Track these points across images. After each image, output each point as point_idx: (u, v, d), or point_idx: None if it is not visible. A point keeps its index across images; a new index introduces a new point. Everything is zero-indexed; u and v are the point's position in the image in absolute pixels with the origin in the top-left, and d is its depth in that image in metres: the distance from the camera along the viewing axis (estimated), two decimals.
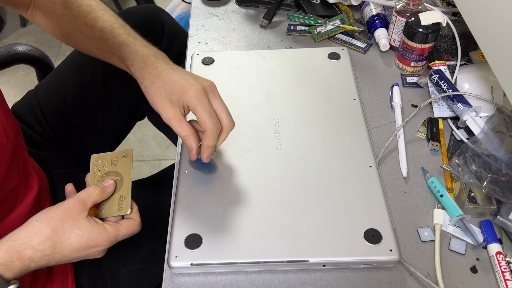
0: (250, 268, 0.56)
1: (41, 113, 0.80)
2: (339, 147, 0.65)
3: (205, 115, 0.54)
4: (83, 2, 0.67)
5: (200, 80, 0.57)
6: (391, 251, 0.54)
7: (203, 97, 0.55)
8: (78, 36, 0.67)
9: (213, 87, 0.57)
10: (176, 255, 0.54)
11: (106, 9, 0.68)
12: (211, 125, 0.55)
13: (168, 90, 0.55)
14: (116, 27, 0.64)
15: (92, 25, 0.65)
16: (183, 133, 0.56)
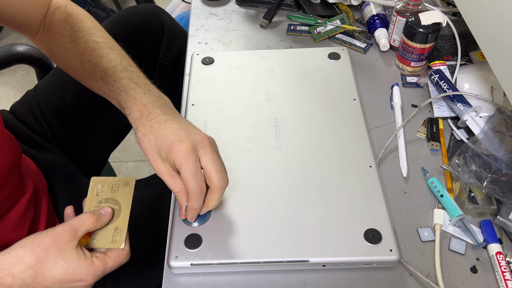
0: (250, 268, 0.56)
1: (40, 113, 0.80)
2: (339, 147, 0.65)
3: (188, 175, 0.51)
4: (91, 38, 0.65)
5: (192, 135, 0.53)
6: (391, 251, 0.54)
7: (189, 155, 0.51)
8: (81, 73, 0.65)
9: (204, 143, 0.53)
10: (176, 255, 0.54)
11: (114, 47, 0.65)
12: (194, 187, 0.51)
13: (158, 145, 0.53)
14: (119, 70, 0.61)
15: (95, 63, 0.62)
16: (175, 189, 0.53)
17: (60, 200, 0.70)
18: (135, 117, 0.56)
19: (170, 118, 0.55)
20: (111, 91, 0.60)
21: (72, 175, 0.76)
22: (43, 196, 0.67)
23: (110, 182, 0.57)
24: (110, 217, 0.54)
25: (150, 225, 0.71)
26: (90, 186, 0.57)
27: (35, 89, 0.84)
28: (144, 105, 0.57)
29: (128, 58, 0.64)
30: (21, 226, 0.60)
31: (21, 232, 0.60)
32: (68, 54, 0.65)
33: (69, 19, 0.66)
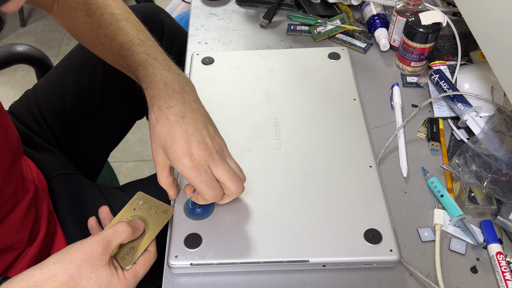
0: (250, 268, 0.55)
1: (39, 113, 0.80)
2: (339, 147, 0.65)
3: (203, 187, 0.51)
4: (106, 10, 0.62)
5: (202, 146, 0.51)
6: (391, 251, 0.54)
7: (200, 169, 0.51)
8: (99, 47, 0.63)
9: (213, 155, 0.52)
10: (175, 255, 0.54)
11: (130, 18, 0.62)
12: (212, 197, 0.52)
13: (168, 144, 0.51)
14: (136, 43, 0.58)
15: (112, 37, 0.60)
16: (160, 182, 0.54)
17: (60, 201, 0.70)
18: (152, 94, 0.54)
19: (188, 113, 0.53)
20: (128, 66, 0.58)
21: (72, 175, 0.76)
22: (43, 197, 0.66)
23: (152, 203, 0.57)
24: (141, 233, 0.53)
25: None
26: (133, 198, 0.56)
27: (34, 89, 0.84)
28: (164, 84, 0.54)
29: (145, 31, 0.62)
30: (22, 228, 0.59)
31: (23, 234, 0.59)
32: (84, 28, 0.62)
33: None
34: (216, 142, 0.54)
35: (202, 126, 0.53)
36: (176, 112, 0.52)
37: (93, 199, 0.72)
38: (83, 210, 0.70)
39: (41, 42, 2.19)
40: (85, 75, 0.83)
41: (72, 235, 0.66)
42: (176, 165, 0.51)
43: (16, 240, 0.58)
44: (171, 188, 0.56)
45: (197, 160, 0.51)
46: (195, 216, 0.58)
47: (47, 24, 2.30)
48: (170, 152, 0.51)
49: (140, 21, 0.63)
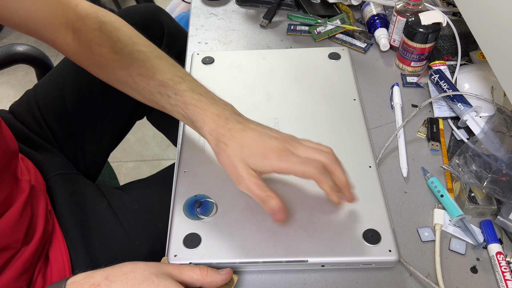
0: (249, 268, 0.55)
1: (40, 113, 0.80)
2: (339, 147, 0.65)
3: (299, 167, 0.51)
4: (134, 48, 0.61)
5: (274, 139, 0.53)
6: (390, 252, 0.54)
7: (286, 155, 0.52)
8: (131, 86, 0.62)
9: (288, 141, 0.54)
10: (174, 254, 0.54)
11: (161, 56, 0.62)
12: (313, 169, 0.52)
13: (245, 153, 0.52)
14: (177, 81, 0.58)
15: (148, 77, 0.59)
16: (265, 192, 0.52)
17: (59, 200, 0.70)
18: (210, 129, 0.55)
19: (247, 126, 0.55)
20: (173, 105, 0.58)
21: (71, 175, 0.76)
22: (40, 197, 0.66)
23: None
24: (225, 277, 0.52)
25: (150, 224, 0.71)
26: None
27: (34, 89, 0.84)
28: (217, 115, 0.56)
29: (178, 65, 0.62)
30: (17, 228, 0.59)
31: (18, 234, 0.59)
32: (112, 65, 0.61)
33: (104, 27, 0.62)
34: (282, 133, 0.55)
35: (265, 128, 0.56)
36: (237, 130, 0.55)
37: (93, 199, 0.72)
38: (83, 210, 0.70)
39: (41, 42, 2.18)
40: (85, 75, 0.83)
41: (71, 234, 0.66)
42: (264, 165, 0.52)
43: (11, 240, 0.58)
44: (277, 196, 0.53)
45: (279, 149, 0.52)
46: (194, 216, 0.58)
47: None
48: (252, 157, 0.52)
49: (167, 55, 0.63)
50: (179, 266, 0.50)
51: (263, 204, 0.53)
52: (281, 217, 0.53)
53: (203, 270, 0.50)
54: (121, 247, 0.68)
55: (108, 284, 0.47)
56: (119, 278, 0.48)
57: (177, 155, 0.66)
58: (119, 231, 0.69)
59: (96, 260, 0.66)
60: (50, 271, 0.63)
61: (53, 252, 0.64)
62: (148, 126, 1.71)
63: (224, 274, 0.51)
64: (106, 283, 0.47)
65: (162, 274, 0.48)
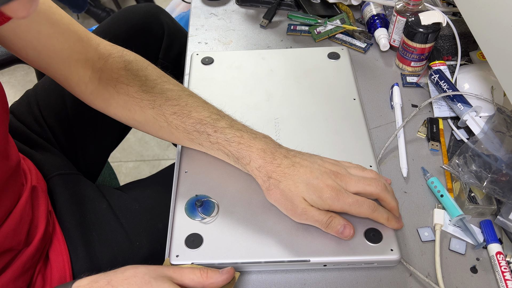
0: (251, 268, 0.55)
1: (40, 113, 0.80)
2: (339, 147, 0.65)
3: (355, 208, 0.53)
4: (164, 86, 0.60)
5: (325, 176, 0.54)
6: (391, 251, 0.54)
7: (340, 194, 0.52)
8: (161, 124, 0.60)
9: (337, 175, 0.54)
10: (176, 254, 0.54)
11: (192, 94, 0.61)
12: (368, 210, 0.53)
13: (301, 189, 0.53)
14: (215, 119, 0.58)
15: (184, 115, 0.59)
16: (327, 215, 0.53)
17: (59, 201, 0.70)
18: (258, 165, 0.56)
19: (295, 161, 0.55)
20: (213, 144, 0.58)
21: (72, 175, 0.76)
22: (41, 197, 0.66)
23: None
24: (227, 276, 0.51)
25: (150, 225, 0.71)
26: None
27: (34, 89, 0.84)
28: (263, 151, 0.56)
29: (210, 103, 0.62)
30: (19, 230, 0.59)
31: (20, 236, 0.59)
32: (140, 105, 0.60)
33: (129, 66, 0.62)
34: (331, 163, 0.56)
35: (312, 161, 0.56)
36: (287, 165, 0.55)
37: (93, 199, 0.72)
38: (83, 210, 0.70)
39: None
40: None
41: (72, 235, 0.66)
42: (321, 202, 0.53)
43: (14, 243, 0.58)
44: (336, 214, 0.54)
45: (334, 188, 0.52)
46: (196, 216, 0.58)
47: None
48: (308, 193, 0.53)
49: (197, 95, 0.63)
50: (179, 269, 0.50)
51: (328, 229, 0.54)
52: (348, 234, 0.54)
53: (203, 271, 0.50)
54: (121, 248, 0.68)
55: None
56: (120, 283, 0.48)
57: (177, 155, 0.66)
58: (119, 231, 0.69)
59: (96, 261, 0.66)
60: (50, 271, 0.63)
61: (53, 253, 0.64)
62: None
63: (225, 273, 0.51)
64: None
65: (162, 277, 0.48)
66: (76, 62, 0.61)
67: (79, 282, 0.49)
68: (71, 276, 0.65)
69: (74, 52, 0.60)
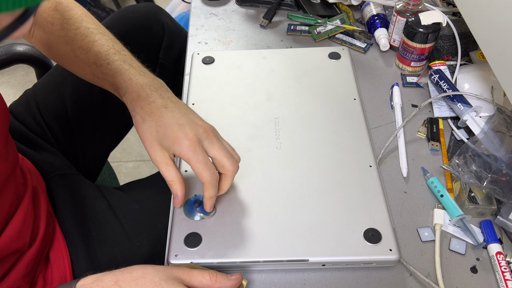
0: (250, 267, 0.55)
1: (39, 113, 0.80)
2: (339, 146, 0.65)
3: (200, 166, 0.51)
4: (82, 24, 0.64)
5: (194, 126, 0.53)
6: (390, 251, 0.54)
7: (196, 147, 0.51)
8: (73, 60, 0.64)
9: (208, 133, 0.53)
10: (175, 254, 0.54)
11: (105, 33, 0.65)
12: (209, 176, 0.52)
13: (160, 134, 0.52)
14: (112, 53, 0.61)
15: (87, 48, 0.62)
16: (169, 178, 0.53)
17: (59, 201, 0.70)
18: (131, 98, 0.56)
19: (169, 104, 0.55)
20: (104, 74, 0.60)
21: (71, 175, 0.76)
22: (41, 198, 0.66)
23: None
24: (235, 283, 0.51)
25: (150, 225, 0.71)
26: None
27: (33, 89, 0.84)
28: (140, 86, 0.56)
29: (120, 43, 0.64)
30: (24, 232, 0.59)
31: (25, 238, 0.59)
32: (58, 41, 0.64)
33: (58, 7, 0.65)
34: (206, 123, 0.55)
35: (187, 111, 0.55)
36: (158, 106, 0.54)
37: (93, 200, 0.72)
38: (83, 211, 0.70)
39: None
40: None
41: (72, 235, 0.66)
42: (174, 148, 0.52)
43: (19, 245, 0.58)
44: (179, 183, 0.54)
45: (193, 138, 0.52)
46: (195, 216, 0.58)
47: None
48: (165, 139, 0.52)
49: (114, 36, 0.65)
50: (188, 270, 0.50)
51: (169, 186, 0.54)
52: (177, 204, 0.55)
53: (212, 275, 0.50)
54: (121, 248, 0.68)
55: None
56: (128, 284, 0.47)
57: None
58: (119, 231, 0.69)
59: (96, 261, 0.66)
60: (51, 272, 0.63)
61: (54, 253, 0.64)
62: None
63: (234, 279, 0.50)
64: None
65: (172, 279, 0.48)
66: None
67: (83, 280, 0.49)
68: (72, 276, 0.65)
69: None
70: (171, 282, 0.47)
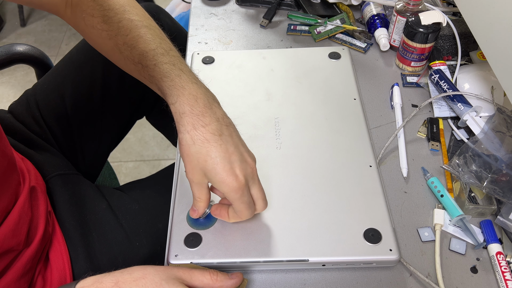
0: (250, 267, 0.55)
1: (39, 113, 0.80)
2: (339, 146, 0.65)
3: (244, 207, 0.51)
4: (124, 16, 0.58)
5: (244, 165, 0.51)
6: (390, 251, 0.54)
7: (244, 190, 0.50)
8: (117, 56, 0.59)
9: (254, 174, 0.52)
10: (175, 254, 0.54)
11: (151, 26, 0.59)
12: (248, 215, 0.52)
13: (209, 166, 0.49)
14: (160, 53, 0.55)
15: (132, 45, 0.56)
16: (199, 196, 0.52)
17: (59, 201, 0.69)
18: (183, 111, 0.51)
19: (224, 131, 0.51)
20: (151, 77, 0.55)
21: (71, 175, 0.76)
22: (40, 197, 0.66)
23: None
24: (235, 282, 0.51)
25: (150, 225, 0.71)
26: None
27: (33, 89, 0.84)
28: (194, 98, 0.51)
29: (168, 40, 0.59)
30: (19, 231, 0.59)
31: (20, 237, 0.59)
32: (101, 36, 0.59)
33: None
34: (252, 157, 0.53)
35: (239, 141, 0.52)
36: (213, 131, 0.50)
37: (93, 200, 0.72)
38: (83, 211, 0.70)
39: (41, 42, 2.19)
40: (85, 75, 0.83)
41: (71, 235, 0.66)
42: (221, 187, 0.50)
43: (13, 243, 0.58)
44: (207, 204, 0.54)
45: (242, 181, 0.50)
46: (198, 226, 0.57)
47: (47, 24, 2.30)
48: (213, 175, 0.50)
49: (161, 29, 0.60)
50: (189, 270, 0.50)
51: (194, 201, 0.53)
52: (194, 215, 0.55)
53: (213, 274, 0.50)
54: (121, 248, 0.68)
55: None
56: (129, 285, 0.47)
57: (177, 155, 0.66)
58: (119, 231, 0.69)
59: (96, 261, 0.66)
60: (50, 272, 0.63)
61: (53, 253, 0.64)
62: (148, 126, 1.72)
63: (235, 278, 0.50)
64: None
65: (173, 279, 0.48)
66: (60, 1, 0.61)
67: (83, 282, 0.49)
68: (71, 276, 0.65)
69: None
70: (172, 282, 0.47)
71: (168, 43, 0.58)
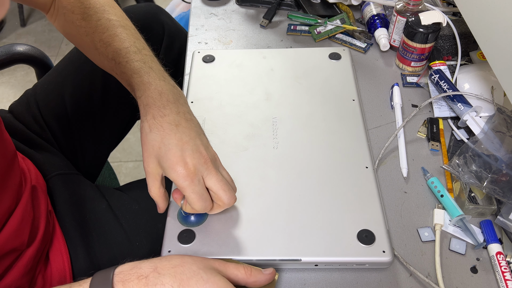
0: None
1: (39, 113, 0.80)
2: (336, 147, 0.65)
3: (195, 197, 0.51)
4: (103, 15, 0.61)
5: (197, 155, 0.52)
6: (384, 252, 0.54)
7: (193, 178, 0.51)
8: (93, 52, 0.62)
9: (208, 164, 0.52)
10: (168, 250, 0.54)
11: (128, 26, 0.62)
12: (201, 208, 0.52)
13: (162, 152, 0.51)
14: (132, 51, 0.58)
15: (108, 43, 0.59)
16: (151, 193, 0.54)
17: (59, 201, 0.69)
18: (146, 103, 0.54)
19: (182, 123, 0.53)
20: (122, 73, 0.58)
21: (71, 175, 0.76)
22: (41, 197, 0.66)
23: None
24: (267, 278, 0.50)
25: (150, 225, 0.71)
26: None
27: (34, 89, 0.84)
28: (159, 93, 0.54)
29: (142, 40, 0.61)
30: (22, 230, 0.59)
31: (23, 236, 0.59)
32: (79, 32, 0.62)
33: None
34: (210, 152, 0.54)
35: (196, 135, 0.54)
36: (170, 121, 0.53)
37: (93, 200, 0.72)
38: (82, 211, 0.70)
39: (41, 42, 2.19)
40: (85, 75, 0.83)
41: (71, 235, 0.66)
42: (170, 174, 0.51)
43: (17, 243, 0.58)
44: (162, 199, 0.55)
45: (191, 169, 0.51)
46: (188, 224, 0.57)
47: (47, 24, 2.30)
48: (164, 160, 0.51)
49: (137, 30, 0.63)
50: (224, 263, 0.50)
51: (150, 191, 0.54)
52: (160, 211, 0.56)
53: (247, 269, 0.50)
54: (121, 248, 0.68)
55: (157, 276, 0.46)
56: (167, 271, 0.47)
57: None
58: (119, 231, 0.69)
59: (96, 261, 0.66)
60: (50, 271, 0.63)
61: (53, 253, 0.64)
62: None
63: (268, 274, 0.50)
64: (155, 275, 0.46)
65: (210, 269, 0.48)
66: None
67: (121, 267, 0.49)
68: (71, 276, 0.65)
69: None
70: (209, 272, 0.47)
71: (142, 42, 0.61)
